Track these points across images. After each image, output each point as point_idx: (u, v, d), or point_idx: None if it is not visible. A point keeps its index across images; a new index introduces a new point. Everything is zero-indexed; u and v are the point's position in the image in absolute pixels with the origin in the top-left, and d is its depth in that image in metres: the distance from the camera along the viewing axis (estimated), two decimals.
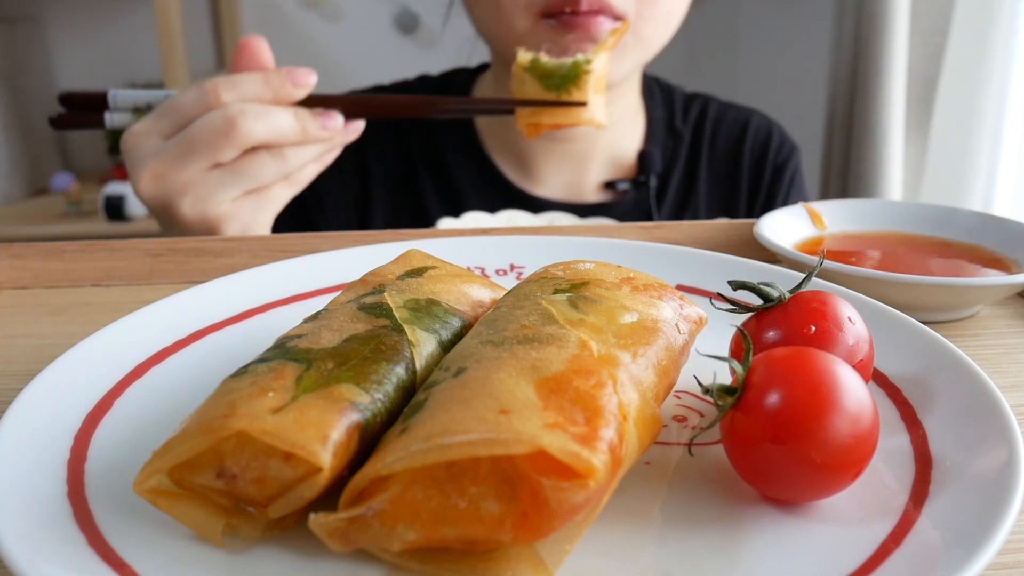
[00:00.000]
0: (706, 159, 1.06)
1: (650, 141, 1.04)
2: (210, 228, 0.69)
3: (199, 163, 0.66)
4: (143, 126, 0.69)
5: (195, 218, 0.68)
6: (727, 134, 1.07)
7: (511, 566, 0.30)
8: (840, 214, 0.69)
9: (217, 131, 0.65)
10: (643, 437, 0.34)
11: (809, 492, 0.34)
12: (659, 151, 1.03)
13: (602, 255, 0.56)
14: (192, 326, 0.49)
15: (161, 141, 0.68)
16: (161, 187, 0.67)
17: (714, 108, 1.09)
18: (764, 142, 1.07)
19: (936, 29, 1.63)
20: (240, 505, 0.33)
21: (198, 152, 0.66)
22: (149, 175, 0.67)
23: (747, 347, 0.35)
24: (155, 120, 0.68)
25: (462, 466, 0.30)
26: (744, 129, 1.08)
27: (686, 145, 1.06)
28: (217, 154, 0.66)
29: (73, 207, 2.05)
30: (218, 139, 0.65)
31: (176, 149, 0.66)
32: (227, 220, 0.69)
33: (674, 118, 1.07)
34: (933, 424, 0.38)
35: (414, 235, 0.68)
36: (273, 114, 0.66)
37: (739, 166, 1.06)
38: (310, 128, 0.68)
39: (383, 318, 0.39)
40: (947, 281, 0.52)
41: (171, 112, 0.68)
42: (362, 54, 2.40)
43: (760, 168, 1.06)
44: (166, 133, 0.68)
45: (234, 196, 0.68)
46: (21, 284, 0.65)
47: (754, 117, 1.09)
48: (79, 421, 0.39)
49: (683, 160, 1.05)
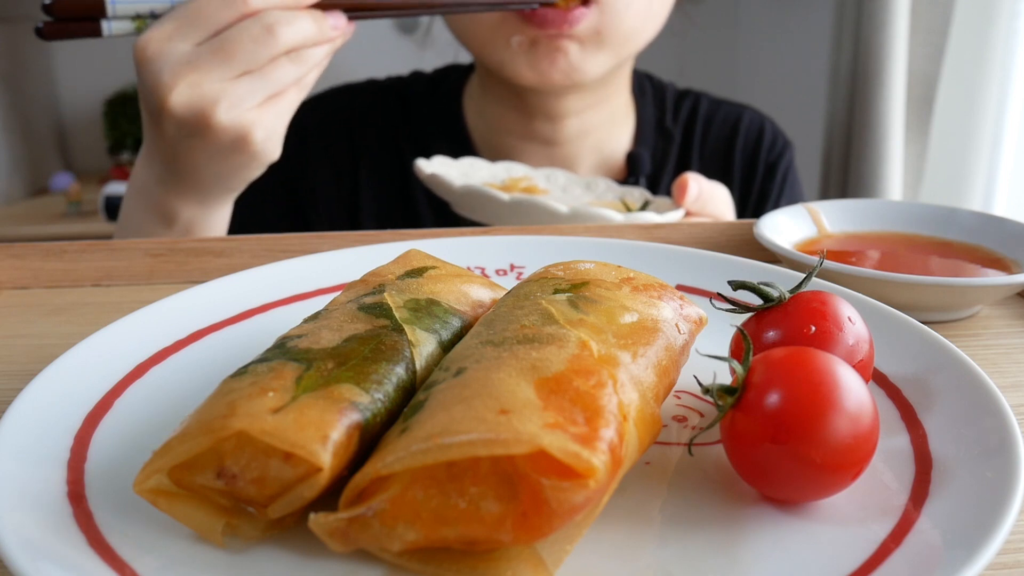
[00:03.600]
0: (697, 158, 1.05)
1: (639, 142, 1.03)
2: (241, 136, 0.67)
3: (236, 70, 0.65)
4: (164, 32, 0.65)
5: (230, 125, 0.66)
6: (719, 132, 1.06)
7: (511, 566, 0.30)
8: (840, 214, 0.69)
9: (257, 40, 0.64)
10: (643, 437, 0.34)
11: (809, 492, 0.34)
12: (648, 152, 1.02)
13: (602, 255, 0.56)
14: (192, 326, 0.49)
15: (192, 48, 0.65)
16: (198, 94, 0.65)
17: (705, 105, 1.08)
18: (756, 139, 1.06)
19: (936, 29, 1.63)
20: (240, 505, 0.33)
21: (237, 60, 0.64)
22: (185, 83, 0.65)
23: (747, 347, 0.35)
24: (179, 26, 0.65)
25: (462, 466, 0.30)
26: (736, 126, 1.06)
27: (676, 145, 1.04)
28: (255, 62, 0.65)
29: (73, 207, 2.05)
30: (258, 47, 0.64)
31: (214, 57, 0.64)
32: (256, 126, 0.68)
33: (665, 117, 1.05)
34: (933, 424, 0.38)
35: (414, 235, 0.68)
36: (300, 19, 0.66)
37: (731, 164, 1.05)
38: (326, 30, 0.68)
39: (383, 318, 0.39)
40: (947, 281, 0.52)
41: (197, 18, 0.65)
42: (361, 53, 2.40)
43: (752, 166, 1.05)
44: (197, 40, 0.65)
45: (260, 102, 0.68)
46: (21, 284, 0.65)
47: (746, 113, 1.08)
48: (79, 421, 0.39)
49: (673, 161, 1.04)
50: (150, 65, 0.65)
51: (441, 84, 1.06)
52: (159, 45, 0.65)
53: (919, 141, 1.72)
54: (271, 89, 0.67)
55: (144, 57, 0.66)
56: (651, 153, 1.02)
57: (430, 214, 1.00)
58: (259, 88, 0.67)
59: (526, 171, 0.92)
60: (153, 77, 0.66)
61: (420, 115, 1.05)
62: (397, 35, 2.45)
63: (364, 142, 1.03)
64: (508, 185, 0.87)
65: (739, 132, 1.06)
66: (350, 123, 1.04)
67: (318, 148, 1.03)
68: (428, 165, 0.84)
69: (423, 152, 0.98)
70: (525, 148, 0.99)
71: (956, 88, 1.60)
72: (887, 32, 1.65)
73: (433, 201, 0.99)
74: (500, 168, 0.91)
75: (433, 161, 0.88)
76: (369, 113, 1.05)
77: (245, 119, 0.67)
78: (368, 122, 1.05)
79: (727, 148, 1.05)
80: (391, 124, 1.04)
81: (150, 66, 0.65)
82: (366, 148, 1.03)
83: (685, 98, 1.08)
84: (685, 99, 1.08)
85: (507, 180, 0.89)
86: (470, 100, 1.04)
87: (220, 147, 0.68)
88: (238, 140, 0.67)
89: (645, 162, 1.00)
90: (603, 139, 1.01)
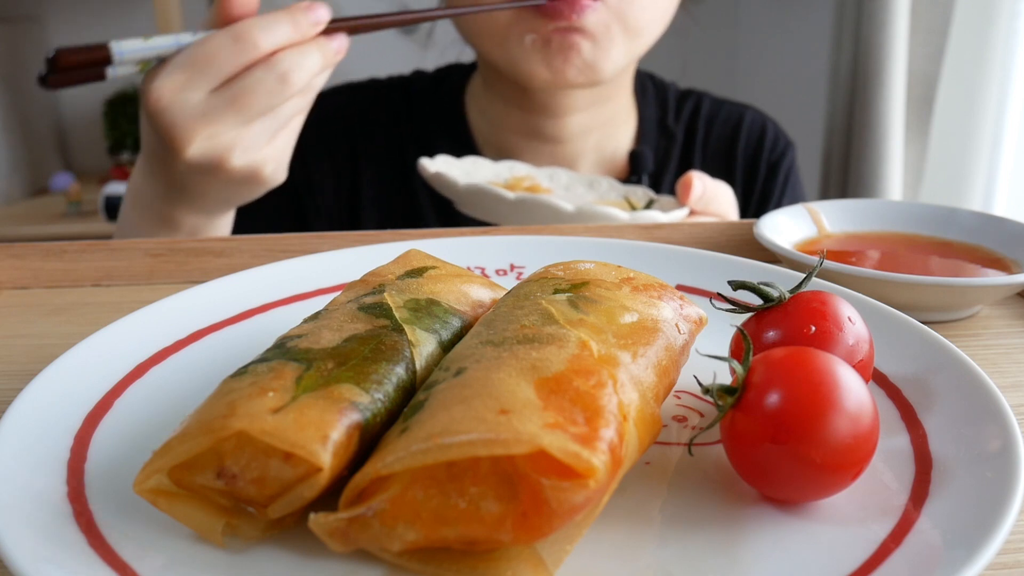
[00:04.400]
0: (699, 158, 1.05)
1: (642, 140, 1.03)
2: (254, 172, 0.68)
3: (251, 119, 0.65)
4: (176, 82, 0.64)
5: (244, 166, 0.67)
6: (720, 132, 1.06)
7: (511, 566, 0.30)
8: (840, 214, 0.69)
9: (273, 89, 0.64)
10: (643, 437, 0.34)
11: (809, 492, 0.34)
12: (651, 151, 1.02)
13: (602, 255, 0.56)
14: (192, 326, 0.49)
15: (206, 97, 0.64)
16: (214, 144, 0.65)
17: (707, 105, 1.08)
18: (758, 139, 1.06)
19: (936, 29, 1.63)
20: (240, 505, 0.33)
21: (254, 109, 0.65)
22: (202, 136, 0.64)
23: (747, 347, 0.35)
24: (191, 75, 0.64)
25: (462, 466, 0.30)
26: (738, 126, 1.06)
27: (679, 144, 1.04)
28: (269, 108, 0.65)
29: (73, 207, 2.05)
30: (274, 96, 0.65)
31: (229, 109, 0.64)
32: (267, 162, 0.69)
33: (667, 117, 1.05)
34: (933, 424, 0.38)
35: (414, 235, 0.68)
36: (310, 57, 0.66)
37: (733, 164, 1.05)
38: (330, 57, 0.68)
39: (383, 318, 0.39)
40: (947, 281, 0.52)
41: (208, 65, 0.64)
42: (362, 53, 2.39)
43: (755, 166, 1.05)
44: (209, 87, 0.64)
45: (270, 139, 0.68)
46: (21, 284, 0.65)
47: (748, 113, 1.08)
48: (79, 421, 0.39)
49: (676, 160, 1.04)
50: (163, 116, 0.64)
51: (443, 83, 1.06)
52: (172, 96, 0.64)
53: (919, 141, 1.72)
54: (280, 123, 0.68)
55: (157, 108, 0.64)
56: (653, 152, 1.03)
57: (432, 212, 1.00)
58: (271, 125, 0.67)
59: (528, 170, 0.92)
60: (167, 129, 0.65)
61: (422, 113, 1.05)
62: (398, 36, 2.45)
63: (365, 140, 1.03)
64: (511, 184, 0.87)
65: (741, 132, 1.06)
66: (350, 121, 1.04)
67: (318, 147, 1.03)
68: (432, 164, 0.84)
69: (425, 150, 0.98)
70: (528, 146, 0.99)
71: (956, 88, 1.60)
72: (887, 32, 1.65)
73: (436, 199, 0.99)
74: (503, 167, 0.91)
75: (437, 160, 0.88)
76: (370, 111, 1.05)
77: (257, 158, 0.68)
78: (369, 120, 1.05)
79: (729, 148, 1.06)
80: (393, 122, 1.04)
81: (163, 117, 0.64)
82: (367, 146, 1.03)
83: (687, 98, 1.08)
84: (687, 99, 1.08)
85: (510, 179, 0.89)
86: (472, 99, 1.04)
87: (231, 182, 0.69)
88: (250, 176, 0.69)
89: (648, 160, 1.00)
90: (605, 137, 1.01)
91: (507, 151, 1.00)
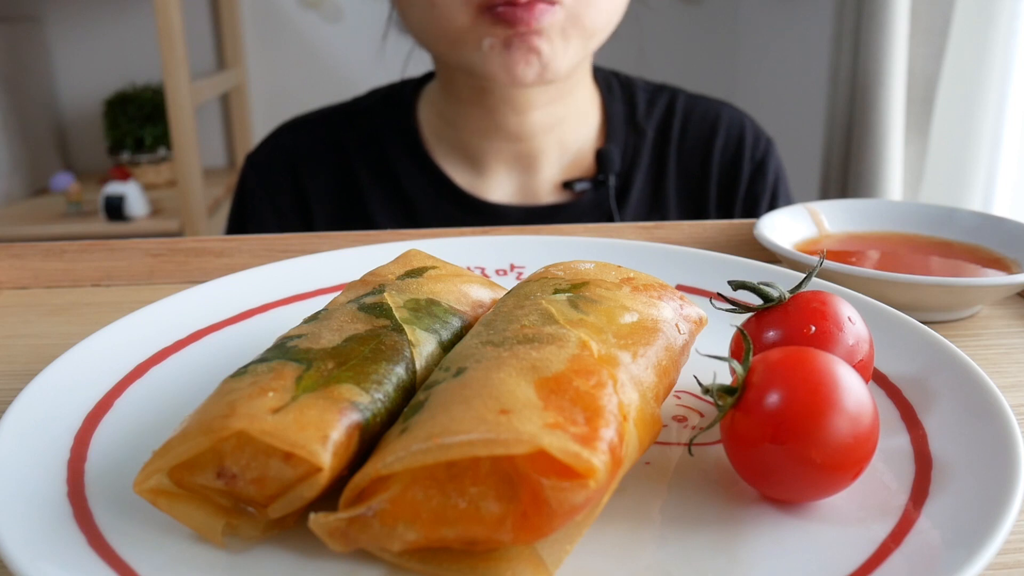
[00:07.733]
0: (675, 155, 1.02)
1: (609, 139, 1.00)
2: None
3: None
4: None
5: None
6: (697, 129, 1.03)
7: (511, 566, 0.30)
8: (840, 214, 0.69)
9: None
10: (643, 437, 0.34)
11: (809, 492, 0.34)
12: (618, 148, 0.99)
13: (602, 255, 0.56)
14: (192, 326, 0.49)
15: None
16: None
17: (682, 101, 1.04)
18: (738, 138, 1.03)
19: (936, 29, 1.63)
20: (240, 505, 0.33)
21: None
22: None
23: (747, 347, 0.35)
24: None
25: (462, 466, 0.30)
26: (715, 124, 1.03)
27: (649, 141, 1.01)
28: None
29: (73, 207, 2.05)
30: None
31: None
32: None
33: (636, 113, 1.02)
34: (933, 424, 0.38)
35: (414, 235, 0.68)
36: None
37: (709, 162, 1.02)
38: None
39: (383, 318, 0.39)
40: (947, 281, 0.52)
41: None
42: (362, 54, 2.40)
43: (736, 165, 1.02)
44: None
45: None
46: (21, 284, 0.65)
47: (725, 110, 1.05)
48: (79, 421, 0.40)
49: (647, 157, 1.01)
50: None
51: (396, 94, 1.04)
52: None
53: (919, 141, 1.72)
54: None
55: None
56: (621, 150, 1.00)
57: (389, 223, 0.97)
58: None
59: None
60: None
61: (371, 124, 1.02)
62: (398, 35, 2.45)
63: (311, 179, 1.00)
64: None
65: (719, 130, 1.03)
66: (296, 162, 1.01)
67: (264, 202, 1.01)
68: None
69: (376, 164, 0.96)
70: (491, 146, 0.96)
71: (956, 88, 1.60)
72: (887, 32, 1.65)
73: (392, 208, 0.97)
74: None
75: None
76: (315, 147, 1.02)
77: None
78: (314, 156, 1.02)
79: (706, 146, 1.02)
80: (336, 151, 1.01)
81: None
82: (315, 185, 1.00)
83: (660, 93, 1.05)
84: (660, 94, 1.05)
85: None
86: (427, 104, 1.01)
87: None
88: None
89: (614, 158, 0.98)
90: (568, 132, 0.98)
91: (466, 153, 0.97)
